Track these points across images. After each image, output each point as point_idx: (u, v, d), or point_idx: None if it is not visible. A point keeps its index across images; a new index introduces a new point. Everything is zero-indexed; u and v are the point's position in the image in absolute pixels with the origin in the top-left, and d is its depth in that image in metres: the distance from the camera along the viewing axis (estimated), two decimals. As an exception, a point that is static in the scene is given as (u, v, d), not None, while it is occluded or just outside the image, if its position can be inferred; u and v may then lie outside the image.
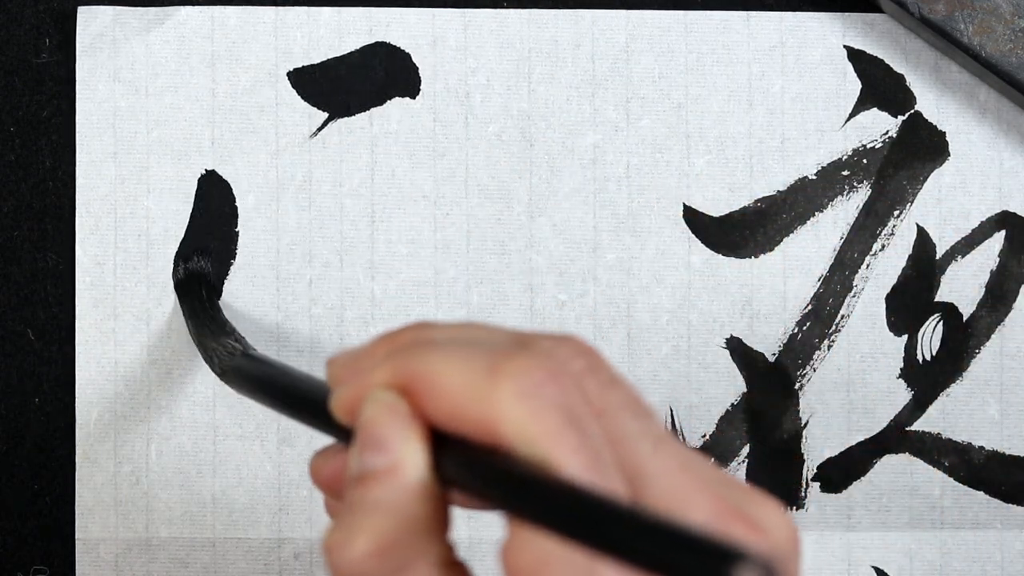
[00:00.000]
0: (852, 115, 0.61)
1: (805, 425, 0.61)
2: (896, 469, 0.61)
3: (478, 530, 0.59)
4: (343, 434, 0.39)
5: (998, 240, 0.61)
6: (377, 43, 0.61)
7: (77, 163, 0.60)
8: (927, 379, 0.61)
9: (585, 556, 0.33)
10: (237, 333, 0.57)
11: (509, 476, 0.34)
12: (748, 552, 0.27)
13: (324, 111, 0.61)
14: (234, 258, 0.60)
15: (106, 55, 0.60)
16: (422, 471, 0.36)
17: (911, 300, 0.61)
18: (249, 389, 0.51)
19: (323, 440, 0.41)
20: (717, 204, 0.61)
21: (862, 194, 0.61)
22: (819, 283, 0.61)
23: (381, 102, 0.61)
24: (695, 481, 0.35)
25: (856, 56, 0.61)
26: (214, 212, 0.60)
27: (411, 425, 0.36)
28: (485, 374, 0.35)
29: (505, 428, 0.34)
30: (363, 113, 0.61)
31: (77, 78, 0.60)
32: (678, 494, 0.34)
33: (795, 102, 0.61)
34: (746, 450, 0.61)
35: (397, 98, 0.61)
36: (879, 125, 0.61)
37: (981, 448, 0.61)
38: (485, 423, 0.35)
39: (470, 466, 0.35)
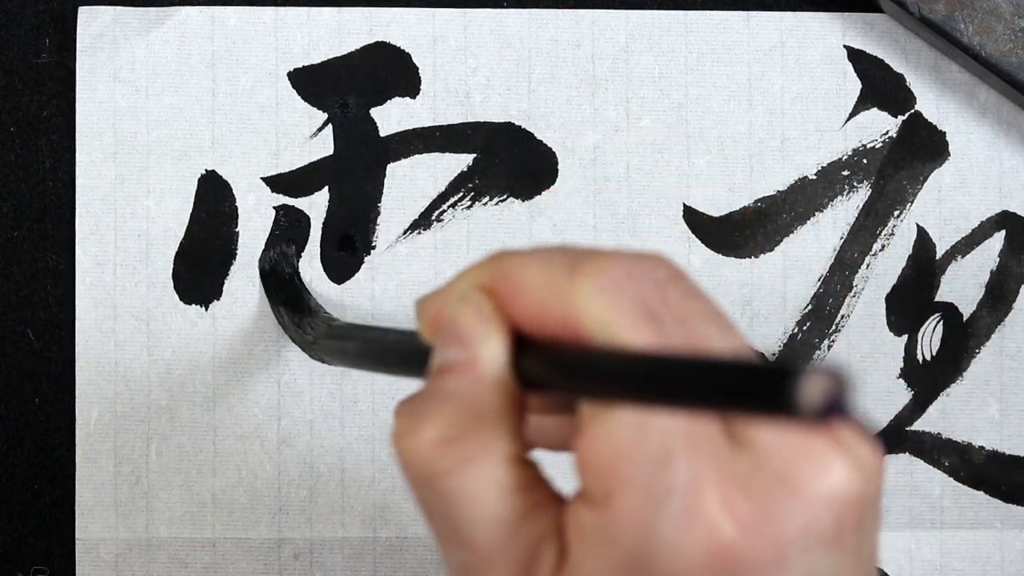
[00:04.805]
0: (852, 115, 0.61)
1: (805, 425, 0.61)
2: (896, 469, 0.61)
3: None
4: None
5: (998, 240, 0.61)
6: (377, 43, 0.61)
7: (77, 163, 0.60)
8: (927, 379, 0.61)
9: (659, 443, 0.33)
10: (324, 310, 0.59)
11: (586, 358, 0.34)
12: (811, 367, 0.27)
13: (324, 111, 0.61)
14: (234, 258, 0.60)
15: (106, 55, 0.60)
16: (499, 366, 0.36)
17: (911, 300, 0.61)
18: (342, 355, 0.52)
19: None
20: (717, 204, 0.61)
21: (862, 194, 0.61)
22: (819, 283, 0.61)
23: (381, 102, 0.61)
24: None
25: (856, 56, 0.61)
26: (214, 212, 0.60)
27: (493, 323, 0.37)
28: (566, 272, 0.35)
29: (585, 321, 0.35)
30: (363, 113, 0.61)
31: (77, 78, 0.60)
32: None
33: (795, 102, 0.61)
34: (746, 450, 0.60)
35: (397, 98, 0.61)
36: (879, 125, 0.61)
37: (981, 448, 0.61)
38: (566, 319, 0.35)
39: (550, 360, 0.36)
